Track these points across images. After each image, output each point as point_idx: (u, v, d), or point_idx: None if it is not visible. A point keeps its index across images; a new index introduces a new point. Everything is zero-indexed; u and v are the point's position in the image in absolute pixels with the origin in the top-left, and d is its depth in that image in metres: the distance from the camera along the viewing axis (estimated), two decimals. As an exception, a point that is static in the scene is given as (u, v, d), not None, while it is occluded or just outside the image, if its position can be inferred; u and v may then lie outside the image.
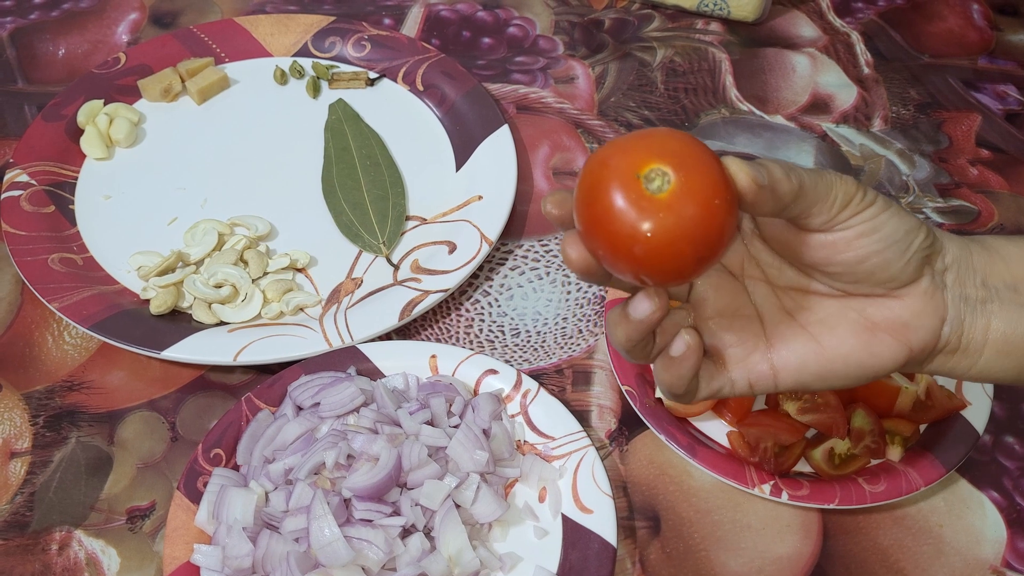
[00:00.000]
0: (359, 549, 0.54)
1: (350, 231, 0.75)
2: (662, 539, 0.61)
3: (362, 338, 0.67)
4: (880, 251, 0.43)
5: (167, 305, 0.67)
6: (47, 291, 0.67)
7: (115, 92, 0.83)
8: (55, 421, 0.64)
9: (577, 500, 0.60)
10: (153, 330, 0.66)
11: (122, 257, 0.72)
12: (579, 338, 0.71)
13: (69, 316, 0.66)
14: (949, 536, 0.61)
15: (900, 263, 0.44)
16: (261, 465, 0.59)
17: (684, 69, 0.91)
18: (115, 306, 0.68)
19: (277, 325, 0.68)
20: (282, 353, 0.65)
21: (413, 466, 0.58)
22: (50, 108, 0.80)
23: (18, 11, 0.93)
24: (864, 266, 0.44)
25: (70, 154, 0.78)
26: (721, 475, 0.60)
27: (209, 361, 0.65)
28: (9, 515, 0.60)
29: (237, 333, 0.67)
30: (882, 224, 0.43)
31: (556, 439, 0.62)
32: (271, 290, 0.70)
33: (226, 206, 0.76)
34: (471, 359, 0.65)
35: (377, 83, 0.87)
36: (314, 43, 0.89)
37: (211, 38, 0.88)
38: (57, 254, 0.71)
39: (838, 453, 0.61)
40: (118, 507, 0.61)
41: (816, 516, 0.62)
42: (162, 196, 0.77)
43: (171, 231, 0.74)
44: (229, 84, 0.86)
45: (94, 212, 0.75)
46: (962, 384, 0.65)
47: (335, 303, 0.70)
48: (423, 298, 0.69)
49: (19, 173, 0.75)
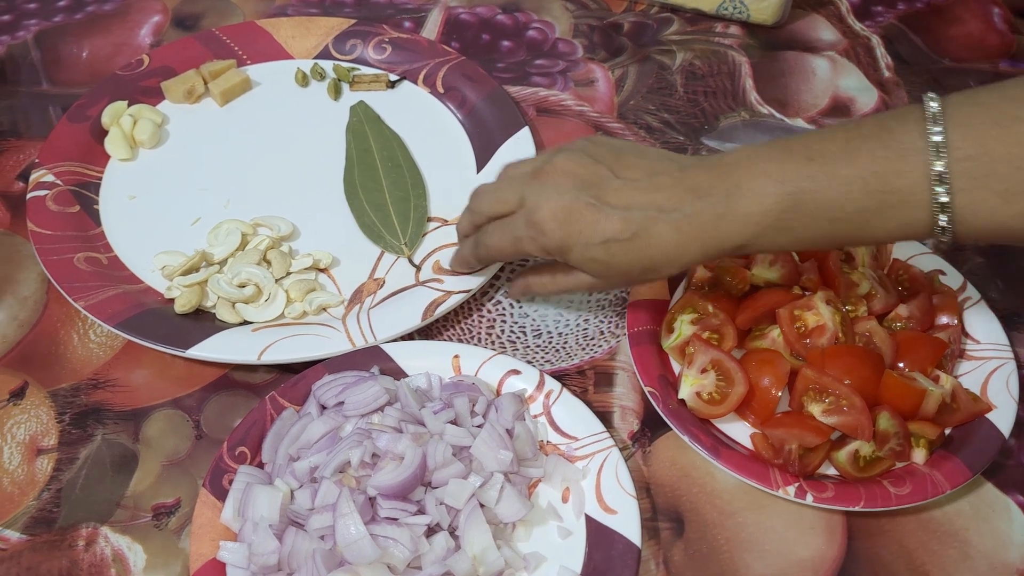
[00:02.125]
0: (385, 547, 0.54)
1: (372, 232, 0.75)
2: (686, 540, 0.61)
3: (385, 338, 0.67)
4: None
5: (191, 304, 0.68)
6: (73, 290, 0.68)
7: (139, 93, 0.83)
8: (81, 419, 0.65)
9: (601, 500, 0.60)
10: (177, 329, 0.67)
11: (146, 257, 0.73)
12: (601, 339, 0.71)
13: (95, 314, 0.66)
14: (975, 540, 0.61)
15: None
16: (286, 463, 0.59)
17: (704, 72, 0.92)
18: (140, 305, 0.68)
19: (300, 325, 0.68)
20: (305, 352, 0.66)
21: (438, 465, 0.58)
22: (75, 109, 0.80)
23: (42, 13, 0.94)
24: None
25: (95, 154, 0.79)
26: (745, 477, 0.60)
27: (233, 360, 0.65)
28: (36, 511, 0.60)
29: (261, 332, 0.67)
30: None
31: (579, 439, 0.62)
32: (294, 290, 0.70)
33: (249, 207, 0.77)
34: (494, 359, 0.66)
35: (398, 85, 0.87)
36: (335, 45, 0.89)
37: (233, 40, 0.88)
38: (82, 253, 0.71)
39: (863, 455, 0.61)
40: (144, 504, 0.61)
41: (841, 518, 0.62)
42: (185, 196, 0.77)
43: (194, 231, 0.75)
44: (251, 86, 0.86)
45: (119, 212, 0.76)
46: (987, 387, 0.65)
47: (357, 303, 0.71)
48: (445, 299, 0.69)
49: (44, 173, 0.75)
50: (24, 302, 0.71)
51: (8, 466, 0.62)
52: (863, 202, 0.54)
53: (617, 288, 0.72)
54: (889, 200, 0.54)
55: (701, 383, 0.64)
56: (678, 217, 0.57)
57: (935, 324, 0.69)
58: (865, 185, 0.53)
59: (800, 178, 0.55)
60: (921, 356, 0.65)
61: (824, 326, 0.64)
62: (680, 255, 0.58)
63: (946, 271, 0.72)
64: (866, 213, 0.54)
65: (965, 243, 0.56)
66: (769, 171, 0.56)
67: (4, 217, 0.77)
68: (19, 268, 0.73)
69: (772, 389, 0.62)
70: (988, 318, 0.69)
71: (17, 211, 0.77)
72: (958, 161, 0.52)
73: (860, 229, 0.55)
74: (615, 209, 0.58)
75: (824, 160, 0.55)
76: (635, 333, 0.67)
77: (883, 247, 0.72)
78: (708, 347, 0.64)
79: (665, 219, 0.57)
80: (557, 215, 0.59)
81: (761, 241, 0.57)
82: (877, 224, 0.55)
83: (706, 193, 0.57)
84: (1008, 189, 0.51)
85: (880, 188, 0.53)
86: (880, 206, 0.54)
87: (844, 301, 0.67)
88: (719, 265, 0.69)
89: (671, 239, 0.58)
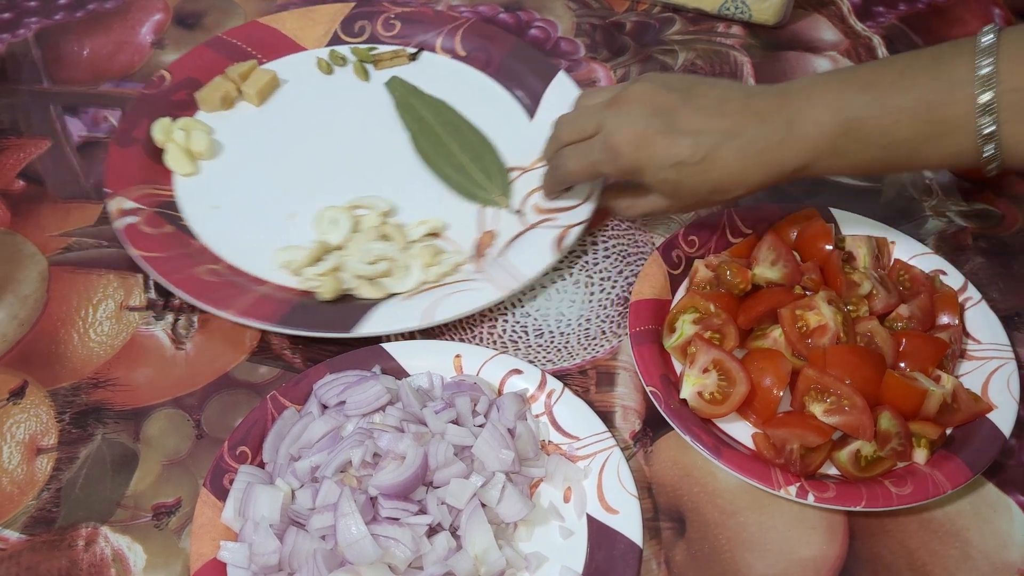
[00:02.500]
0: (386, 547, 0.54)
1: (466, 191, 0.77)
2: (687, 540, 0.60)
3: (530, 276, 0.70)
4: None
5: (337, 290, 0.68)
6: (215, 301, 0.67)
7: (173, 108, 0.82)
8: (81, 418, 0.65)
9: (602, 500, 0.60)
10: (332, 314, 0.68)
11: (257, 258, 0.72)
12: (602, 339, 0.71)
13: (251, 319, 0.66)
14: (976, 540, 0.61)
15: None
16: (287, 463, 0.59)
17: (705, 72, 0.91)
18: (285, 302, 0.68)
19: (444, 286, 0.70)
20: (467, 306, 0.68)
21: (439, 465, 0.58)
22: (120, 134, 0.78)
23: (43, 11, 0.94)
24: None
25: (157, 174, 0.77)
26: (747, 476, 0.60)
27: (403, 328, 0.67)
28: (36, 511, 0.60)
29: (412, 300, 0.69)
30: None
31: (581, 439, 0.62)
32: (424, 255, 0.71)
33: (332, 193, 0.77)
34: (495, 359, 0.66)
35: (418, 57, 0.88)
36: (343, 30, 0.90)
37: (243, 42, 0.88)
38: (201, 267, 0.70)
39: (864, 455, 0.61)
40: (144, 504, 0.61)
41: (842, 518, 0.62)
42: (268, 196, 0.77)
43: (292, 225, 0.75)
44: (280, 82, 0.86)
45: (209, 223, 0.75)
46: (988, 387, 0.65)
47: (482, 256, 0.73)
48: (567, 232, 0.72)
49: (122, 200, 0.73)
50: (24, 301, 0.71)
51: (8, 465, 0.62)
52: (914, 130, 0.58)
53: (690, 210, 0.75)
54: (938, 129, 0.57)
55: (703, 383, 0.64)
56: (742, 142, 0.62)
57: (936, 324, 0.69)
58: (915, 115, 0.57)
59: (855, 106, 0.59)
60: (922, 356, 0.65)
61: (826, 326, 0.64)
62: (745, 177, 0.63)
63: (947, 271, 0.72)
64: (916, 141, 0.58)
65: (1013, 171, 0.59)
66: (828, 99, 0.60)
67: (4, 216, 0.76)
68: (19, 267, 0.73)
69: (774, 389, 0.62)
70: (989, 318, 0.69)
71: (17, 210, 0.77)
72: (1005, 93, 0.54)
73: (911, 156, 0.59)
74: (685, 134, 0.62)
75: (879, 90, 0.58)
76: (637, 333, 0.67)
77: (884, 246, 0.72)
78: (710, 347, 0.64)
79: (731, 143, 0.62)
80: (632, 139, 0.64)
81: (820, 165, 0.62)
82: (927, 151, 0.58)
83: (768, 119, 0.61)
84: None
85: (929, 118, 0.57)
86: (930, 135, 0.57)
87: (846, 301, 0.67)
88: (721, 264, 0.69)
89: (736, 162, 0.62)
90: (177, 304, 0.71)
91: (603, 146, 0.65)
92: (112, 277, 0.73)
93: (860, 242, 0.71)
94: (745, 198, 0.66)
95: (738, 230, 0.74)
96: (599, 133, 0.66)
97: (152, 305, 0.71)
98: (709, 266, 0.70)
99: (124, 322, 0.70)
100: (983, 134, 0.56)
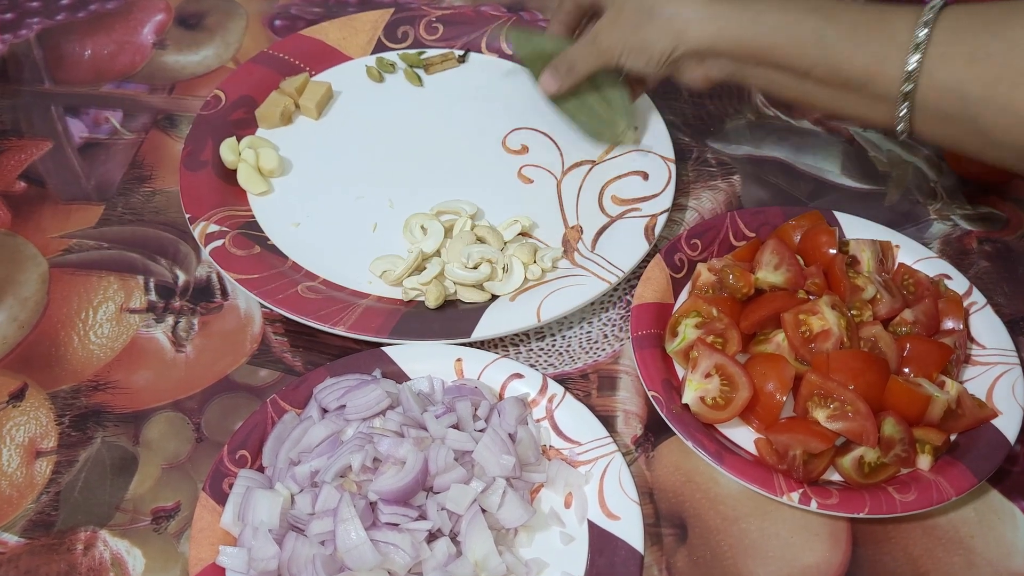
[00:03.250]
0: (385, 553, 0.54)
1: (597, 132, 0.80)
2: (689, 546, 0.60)
3: (628, 266, 0.71)
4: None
5: (441, 297, 0.69)
6: (322, 318, 0.67)
7: (233, 128, 0.81)
8: (81, 421, 0.65)
9: (603, 506, 0.59)
10: (444, 321, 0.68)
11: (350, 271, 0.72)
12: (604, 343, 0.70)
13: (360, 333, 0.66)
14: (980, 547, 0.60)
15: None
16: (287, 467, 0.59)
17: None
18: (392, 313, 0.68)
19: (546, 283, 0.71)
20: (577, 300, 0.69)
21: (439, 470, 0.57)
22: (187, 158, 0.77)
23: (45, 12, 0.94)
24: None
25: (231, 195, 0.77)
26: (749, 482, 0.60)
27: (521, 328, 0.67)
28: (35, 514, 0.60)
29: (518, 300, 0.69)
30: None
31: (582, 444, 0.62)
32: (521, 255, 0.71)
33: (411, 201, 0.77)
34: (496, 363, 0.65)
35: (467, 58, 0.89)
36: (387, 36, 0.90)
37: (290, 55, 0.87)
38: (299, 285, 0.70)
39: (867, 461, 0.61)
40: (143, 508, 0.61)
41: (845, 525, 0.61)
42: (345, 208, 0.77)
43: (377, 236, 0.75)
44: (333, 94, 0.86)
45: (294, 240, 0.75)
46: (993, 393, 0.65)
47: (574, 250, 0.74)
48: (655, 220, 0.74)
49: (206, 224, 0.73)
50: (24, 303, 0.71)
51: (7, 468, 0.62)
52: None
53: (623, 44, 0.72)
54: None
55: (705, 388, 0.63)
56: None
57: (941, 329, 0.68)
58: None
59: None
60: (927, 361, 0.64)
61: (829, 331, 0.63)
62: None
63: (952, 276, 0.71)
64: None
65: (920, 133, 0.62)
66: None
67: (5, 217, 0.76)
68: (20, 269, 0.73)
69: (776, 394, 0.62)
70: (994, 323, 0.69)
71: (18, 211, 0.77)
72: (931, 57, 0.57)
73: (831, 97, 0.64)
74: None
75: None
76: (639, 337, 0.67)
77: (888, 250, 0.72)
78: (712, 351, 0.64)
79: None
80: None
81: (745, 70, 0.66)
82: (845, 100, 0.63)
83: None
84: (973, 52, 0.56)
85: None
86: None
87: (849, 305, 0.66)
88: (724, 268, 0.69)
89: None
90: (177, 307, 0.71)
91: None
92: (113, 279, 0.72)
93: (864, 246, 0.70)
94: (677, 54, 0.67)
95: (741, 234, 0.74)
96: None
97: (152, 307, 0.71)
98: (712, 270, 0.69)
99: (124, 324, 0.70)
100: (906, 71, 0.58)
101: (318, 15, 0.95)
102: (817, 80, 0.63)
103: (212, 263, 0.72)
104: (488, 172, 0.80)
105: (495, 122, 0.84)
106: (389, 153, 0.82)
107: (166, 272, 0.73)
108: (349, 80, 0.87)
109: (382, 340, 0.66)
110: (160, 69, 0.89)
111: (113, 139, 0.83)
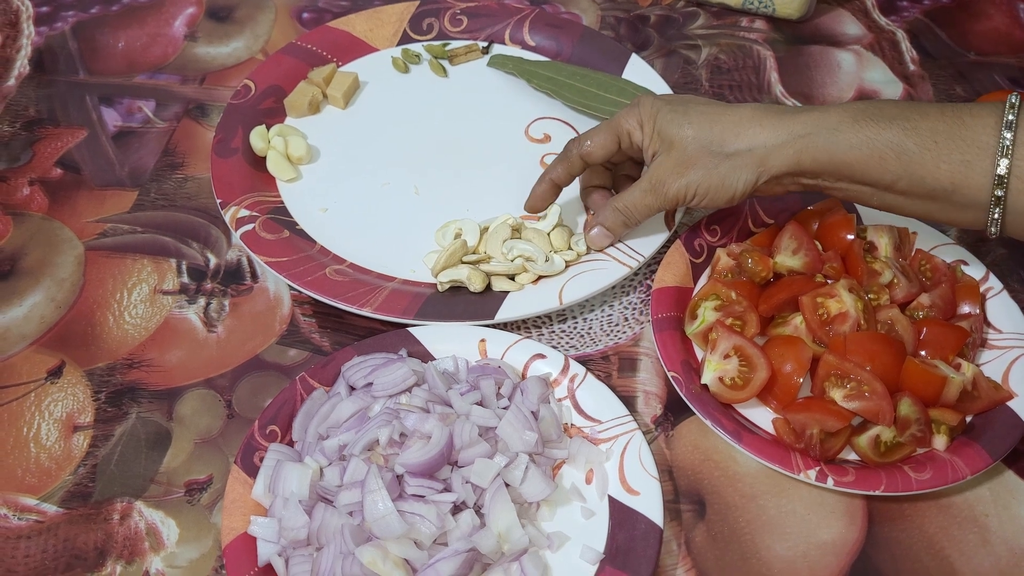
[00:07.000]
0: (412, 523, 0.55)
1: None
2: (707, 522, 0.61)
3: (649, 252, 0.72)
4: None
5: (483, 284, 0.70)
6: (350, 299, 0.68)
7: (262, 116, 0.83)
8: (116, 397, 0.67)
9: (624, 482, 0.61)
10: (467, 304, 0.70)
11: (377, 255, 0.74)
12: (625, 326, 0.71)
13: (386, 314, 0.68)
14: (995, 526, 0.61)
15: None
16: (316, 441, 0.61)
17: (729, 66, 0.92)
18: (417, 295, 0.70)
19: (571, 268, 0.72)
20: (599, 284, 0.70)
21: (464, 445, 0.59)
22: (218, 145, 0.79)
23: (80, 5, 0.96)
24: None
25: (261, 181, 0.78)
26: (767, 460, 0.61)
27: (543, 310, 0.69)
28: (73, 486, 0.62)
29: (541, 284, 0.71)
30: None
31: (603, 423, 0.63)
32: (557, 241, 0.73)
33: (436, 188, 0.79)
34: (519, 344, 0.67)
35: (491, 50, 0.91)
36: (412, 28, 0.92)
37: (318, 46, 0.89)
38: (327, 268, 0.72)
39: (884, 441, 0.62)
40: (177, 480, 0.63)
41: (861, 502, 0.62)
42: (371, 195, 0.79)
43: (403, 223, 0.77)
44: (360, 84, 0.88)
45: (322, 225, 0.76)
46: (1009, 376, 0.66)
47: None
48: (673, 211, 0.75)
49: (237, 209, 0.75)
50: (61, 284, 0.73)
51: (46, 442, 0.64)
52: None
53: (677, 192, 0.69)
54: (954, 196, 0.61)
55: (724, 368, 0.64)
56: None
57: (957, 313, 0.69)
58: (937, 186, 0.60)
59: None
60: (943, 344, 0.65)
61: (846, 313, 0.64)
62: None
63: (968, 261, 0.72)
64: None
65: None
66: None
67: (43, 202, 0.78)
68: (56, 251, 0.75)
69: (794, 375, 0.63)
70: (1010, 308, 0.69)
71: (55, 196, 0.79)
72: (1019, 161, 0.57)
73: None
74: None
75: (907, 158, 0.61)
76: (659, 319, 0.68)
77: (906, 236, 0.73)
78: (731, 333, 0.65)
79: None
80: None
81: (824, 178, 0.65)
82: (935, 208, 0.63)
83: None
84: None
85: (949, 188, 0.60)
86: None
87: (866, 289, 0.67)
88: (743, 253, 0.70)
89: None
90: (209, 288, 0.73)
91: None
92: (146, 262, 0.75)
93: (882, 232, 0.71)
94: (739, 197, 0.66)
95: (760, 220, 0.75)
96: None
97: (185, 289, 0.73)
98: (731, 254, 0.71)
99: (158, 305, 0.72)
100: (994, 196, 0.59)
101: (345, 8, 0.96)
102: (901, 192, 0.62)
103: (243, 247, 0.74)
104: (511, 160, 0.82)
105: (518, 112, 0.86)
106: (414, 141, 0.83)
107: (198, 255, 0.75)
108: (375, 71, 0.89)
109: (408, 321, 0.68)
110: (191, 60, 0.91)
111: (146, 127, 0.85)
